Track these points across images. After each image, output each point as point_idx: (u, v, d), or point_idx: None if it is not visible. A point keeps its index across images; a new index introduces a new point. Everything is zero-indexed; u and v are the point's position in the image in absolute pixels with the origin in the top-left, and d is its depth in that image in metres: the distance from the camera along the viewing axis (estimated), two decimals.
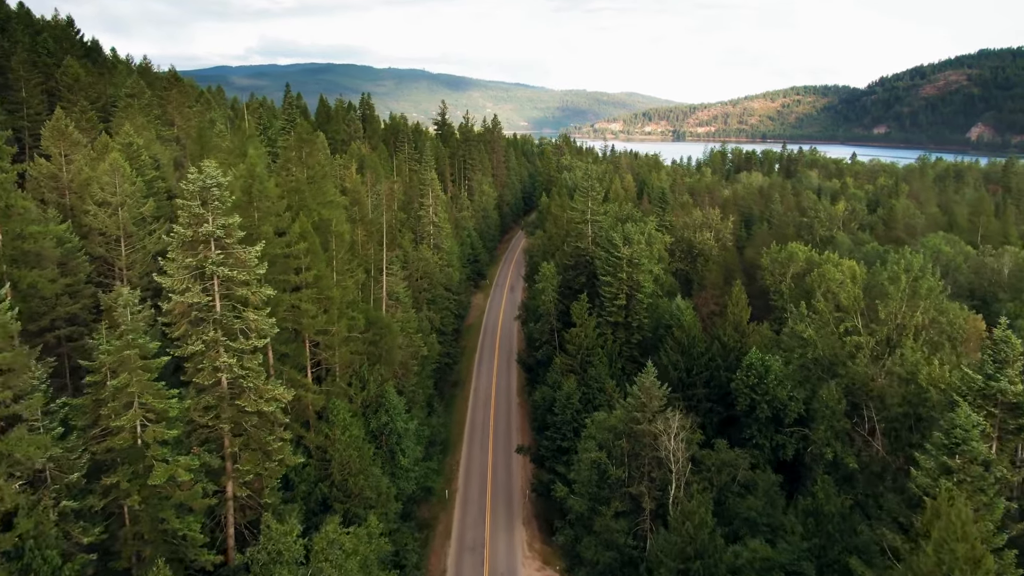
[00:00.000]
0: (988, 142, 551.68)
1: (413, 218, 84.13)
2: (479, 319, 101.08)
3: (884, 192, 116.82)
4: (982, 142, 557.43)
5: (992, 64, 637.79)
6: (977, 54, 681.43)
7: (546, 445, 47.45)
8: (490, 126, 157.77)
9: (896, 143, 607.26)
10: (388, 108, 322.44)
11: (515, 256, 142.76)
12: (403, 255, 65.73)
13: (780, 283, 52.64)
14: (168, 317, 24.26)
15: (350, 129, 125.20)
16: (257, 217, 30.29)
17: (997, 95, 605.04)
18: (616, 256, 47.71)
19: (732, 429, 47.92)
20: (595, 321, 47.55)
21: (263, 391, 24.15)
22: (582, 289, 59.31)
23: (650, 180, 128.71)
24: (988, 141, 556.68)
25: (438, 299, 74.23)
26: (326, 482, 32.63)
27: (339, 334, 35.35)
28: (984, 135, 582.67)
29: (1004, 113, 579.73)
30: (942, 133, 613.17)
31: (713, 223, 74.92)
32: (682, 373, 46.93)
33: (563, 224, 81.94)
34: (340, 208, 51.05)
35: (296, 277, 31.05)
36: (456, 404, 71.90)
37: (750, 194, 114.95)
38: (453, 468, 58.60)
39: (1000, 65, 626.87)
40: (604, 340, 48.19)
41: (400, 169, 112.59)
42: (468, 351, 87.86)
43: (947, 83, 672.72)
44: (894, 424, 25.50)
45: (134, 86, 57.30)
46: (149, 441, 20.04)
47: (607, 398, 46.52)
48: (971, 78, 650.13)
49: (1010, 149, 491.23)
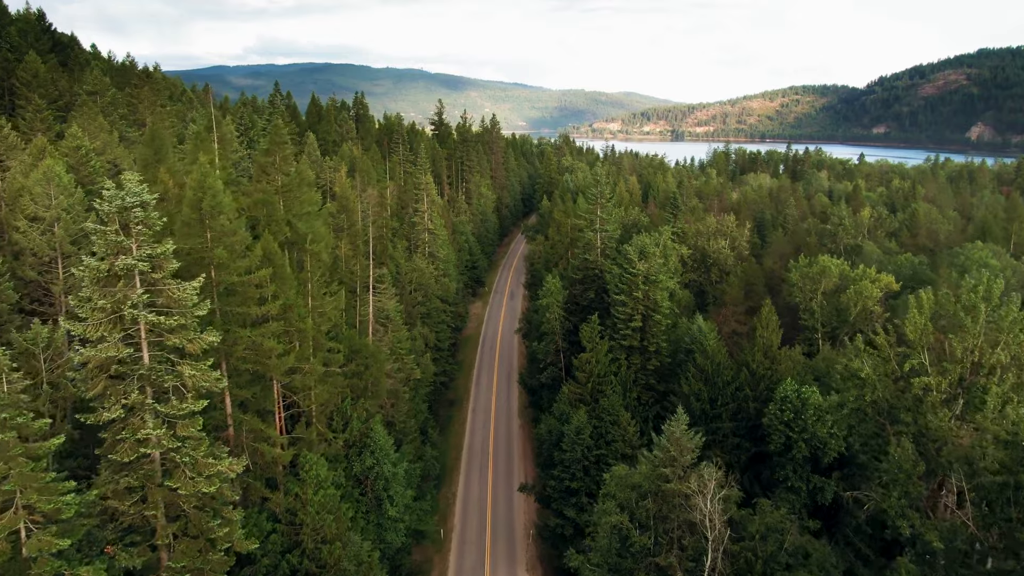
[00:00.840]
0: (988, 142, 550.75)
1: (407, 225, 78.78)
2: (477, 330, 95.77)
3: (899, 195, 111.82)
4: (982, 142, 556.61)
5: (992, 64, 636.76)
6: (976, 53, 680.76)
7: (553, 485, 42.29)
8: (488, 126, 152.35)
9: (896, 143, 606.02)
10: (386, 108, 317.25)
11: (515, 261, 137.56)
12: (395, 267, 60.45)
13: (811, 300, 47.51)
14: (81, 372, 18.97)
15: (342, 130, 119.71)
16: (210, 238, 24.92)
17: (997, 95, 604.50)
18: (631, 273, 42.47)
19: (761, 466, 42.84)
20: (607, 345, 42.40)
21: (203, 466, 18.85)
22: (591, 305, 54.04)
23: (655, 182, 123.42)
24: (988, 141, 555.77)
25: (433, 312, 68.89)
26: (296, 551, 27.32)
27: (314, 371, 30.02)
28: (984, 135, 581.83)
29: (1004, 113, 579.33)
30: (942, 133, 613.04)
31: (728, 230, 69.72)
32: (705, 404, 41.82)
33: (567, 231, 76.81)
34: (322, 219, 45.66)
35: (259, 309, 25.73)
36: (453, 426, 66.60)
37: (760, 197, 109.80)
38: (449, 502, 53.29)
39: (1000, 65, 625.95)
40: (618, 366, 42.97)
41: (394, 172, 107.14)
42: (466, 366, 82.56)
43: (946, 83, 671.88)
44: (987, 494, 20.65)
45: (96, 82, 51.74)
46: (35, 553, 14.82)
47: (622, 432, 41.36)
48: (970, 77, 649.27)
49: (1011, 149, 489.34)
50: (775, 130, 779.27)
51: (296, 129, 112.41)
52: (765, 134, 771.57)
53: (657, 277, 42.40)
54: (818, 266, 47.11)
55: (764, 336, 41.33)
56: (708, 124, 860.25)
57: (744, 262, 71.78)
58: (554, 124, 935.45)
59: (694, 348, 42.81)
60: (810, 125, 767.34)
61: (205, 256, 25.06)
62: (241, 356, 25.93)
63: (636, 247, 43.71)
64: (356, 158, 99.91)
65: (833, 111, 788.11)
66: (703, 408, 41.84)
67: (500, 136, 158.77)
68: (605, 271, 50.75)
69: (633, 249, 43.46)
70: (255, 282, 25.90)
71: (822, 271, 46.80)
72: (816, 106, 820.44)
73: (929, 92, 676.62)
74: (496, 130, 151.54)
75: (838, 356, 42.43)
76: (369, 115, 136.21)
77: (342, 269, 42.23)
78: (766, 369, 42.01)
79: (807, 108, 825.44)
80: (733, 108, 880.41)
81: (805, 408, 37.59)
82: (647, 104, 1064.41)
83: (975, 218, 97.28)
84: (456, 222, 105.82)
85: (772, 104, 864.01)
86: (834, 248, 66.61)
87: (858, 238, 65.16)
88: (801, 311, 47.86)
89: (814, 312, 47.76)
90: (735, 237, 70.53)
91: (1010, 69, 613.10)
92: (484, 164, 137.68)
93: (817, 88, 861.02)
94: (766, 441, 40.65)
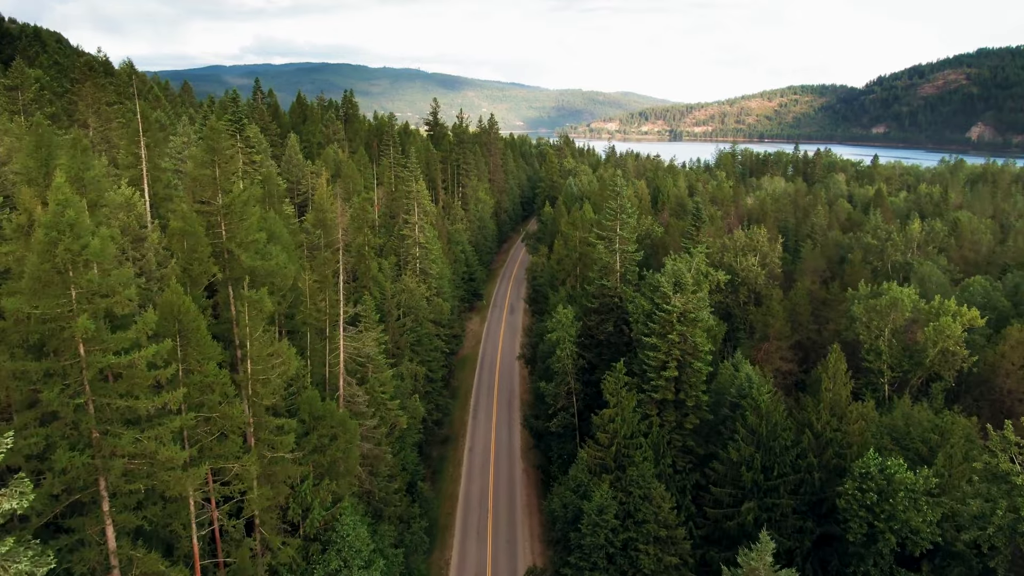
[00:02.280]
0: (989, 142, 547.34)
1: (396, 238, 70.21)
2: (475, 349, 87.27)
3: (928, 201, 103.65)
4: (983, 142, 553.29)
5: (991, 63, 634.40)
6: (976, 53, 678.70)
7: (570, 575, 33.94)
8: (486, 126, 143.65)
9: (895, 143, 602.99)
10: (383, 108, 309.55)
11: (514, 269, 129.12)
12: (379, 292, 51.95)
13: (877, 339, 39.28)
14: None
15: (328, 130, 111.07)
16: (75, 297, 16.44)
17: (997, 94, 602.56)
18: (664, 310, 34.14)
19: (828, 550, 34.72)
20: (635, 399, 34.11)
21: None
22: (609, 340, 45.62)
23: (665, 187, 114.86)
24: (989, 141, 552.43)
25: (424, 339, 60.31)
26: None
27: (247, 472, 21.54)
28: (985, 135, 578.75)
29: (1004, 113, 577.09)
30: (942, 133, 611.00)
31: (758, 245, 61.45)
32: (758, 474, 33.65)
33: (575, 245, 68.42)
34: (285, 245, 37.05)
35: (149, 401, 17.25)
36: (447, 470, 58.08)
37: (781, 204, 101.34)
38: (442, 571, 44.86)
39: (999, 64, 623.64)
40: (648, 425, 34.66)
41: (385, 176, 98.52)
42: (462, 393, 74.05)
43: (946, 82, 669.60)
44: None
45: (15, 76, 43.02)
46: None
47: (654, 509, 33.10)
48: (970, 77, 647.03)
49: (1012, 149, 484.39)
50: (773, 130, 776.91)
51: (278, 130, 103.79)
52: (764, 134, 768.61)
53: (697, 314, 34.09)
54: (887, 298, 38.80)
55: (831, 390, 33.10)
56: (706, 124, 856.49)
57: (776, 281, 63.58)
58: (551, 124, 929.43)
59: (742, 403, 34.60)
60: (809, 125, 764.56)
61: (65, 328, 16.54)
62: (124, 471, 17.42)
63: (670, 276, 35.35)
64: (342, 162, 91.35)
65: (832, 111, 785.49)
66: (755, 479, 33.65)
67: (498, 137, 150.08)
68: (627, 300, 42.37)
69: (666, 279, 35.09)
70: (145, 361, 17.37)
71: (892, 304, 38.51)
72: (815, 106, 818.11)
73: (928, 92, 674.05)
74: (494, 130, 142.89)
75: (919, 411, 34.35)
76: (359, 115, 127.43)
77: (306, 306, 33.76)
78: (834, 431, 33.82)
79: (806, 108, 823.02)
80: (731, 108, 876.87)
81: (892, 488, 29.45)
82: (644, 104, 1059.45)
83: (1013, 227, 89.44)
84: (451, 231, 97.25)
85: (771, 104, 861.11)
86: (880, 267, 58.37)
87: (907, 254, 57.08)
88: (865, 352, 39.59)
89: (881, 353, 39.54)
90: (766, 252, 62.28)
91: (1010, 69, 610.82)
92: (482, 167, 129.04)
93: (816, 88, 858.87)
94: (837, 522, 32.56)
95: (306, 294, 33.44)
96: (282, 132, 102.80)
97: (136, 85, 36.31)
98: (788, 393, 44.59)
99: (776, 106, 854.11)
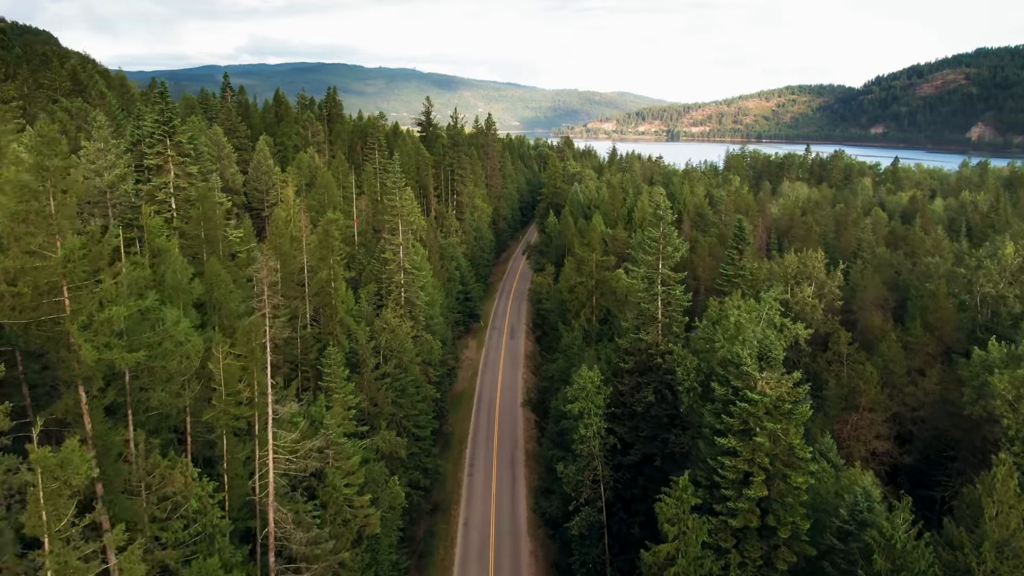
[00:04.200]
0: (989, 142, 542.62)
1: (378, 261, 58.88)
2: (471, 383, 75.95)
3: (974, 211, 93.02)
4: (983, 142, 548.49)
5: (991, 63, 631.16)
6: (975, 53, 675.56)
7: None
8: (483, 127, 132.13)
9: (895, 143, 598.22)
10: (378, 108, 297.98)
11: (514, 283, 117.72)
12: (348, 341, 40.66)
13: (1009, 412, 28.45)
14: None
15: (307, 132, 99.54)
16: None
17: (997, 94, 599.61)
18: (748, 400, 23.09)
19: None
20: (706, 526, 23.10)
21: None
22: (648, 413, 34.52)
23: (682, 194, 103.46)
24: (989, 141, 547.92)
25: (409, 389, 49.01)
26: None
27: None
28: (985, 135, 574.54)
29: (1004, 113, 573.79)
30: (941, 133, 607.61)
31: (815, 273, 50.51)
32: None
33: (590, 270, 57.24)
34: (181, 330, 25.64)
35: None
36: (436, 553, 46.70)
37: (818, 215, 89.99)
38: None
39: (999, 64, 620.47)
40: (724, 565, 23.55)
41: (368, 185, 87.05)
42: (456, 442, 62.76)
43: (945, 82, 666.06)
44: None
45: None
46: None
47: None
48: (969, 77, 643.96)
49: (1012, 149, 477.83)
50: (771, 130, 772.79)
51: (248, 132, 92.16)
52: (761, 134, 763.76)
53: (794, 409, 23.07)
54: None
55: (1001, 522, 22.21)
56: (704, 124, 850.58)
57: (835, 316, 52.57)
58: (548, 124, 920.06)
59: (859, 531, 23.62)
60: (807, 125, 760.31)
61: None
62: None
63: (752, 346, 24.27)
64: (317, 168, 79.90)
65: (830, 111, 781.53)
66: None
67: (496, 138, 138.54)
68: (677, 364, 31.26)
69: (747, 351, 23.98)
70: None
71: None
72: (813, 106, 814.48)
73: (927, 92, 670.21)
74: (492, 131, 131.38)
75: None
76: (342, 114, 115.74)
77: (219, 399, 22.43)
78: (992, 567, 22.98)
79: (804, 108, 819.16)
80: (729, 108, 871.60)
81: None
82: (641, 104, 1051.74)
83: None
84: (444, 245, 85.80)
85: (768, 104, 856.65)
86: (969, 300, 47.46)
87: (1000, 284, 46.50)
88: (1005, 439, 28.64)
89: (1012, 434, 28.75)
90: (823, 281, 51.33)
91: (1009, 69, 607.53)
92: (478, 171, 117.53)
93: (814, 88, 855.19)
94: None
95: (220, 380, 22.18)
96: (253, 135, 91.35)
97: None
98: (885, 482, 33.71)
99: (774, 106, 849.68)
